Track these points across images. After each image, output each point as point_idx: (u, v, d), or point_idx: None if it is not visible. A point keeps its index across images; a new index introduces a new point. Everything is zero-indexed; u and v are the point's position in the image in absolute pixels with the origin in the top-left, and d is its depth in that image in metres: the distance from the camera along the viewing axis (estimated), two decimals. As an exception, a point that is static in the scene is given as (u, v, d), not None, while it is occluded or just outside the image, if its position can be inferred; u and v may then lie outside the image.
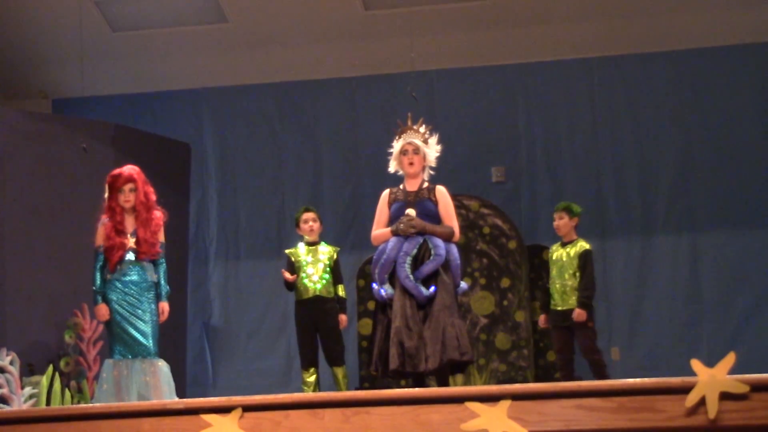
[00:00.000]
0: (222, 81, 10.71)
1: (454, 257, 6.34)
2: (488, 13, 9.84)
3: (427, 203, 6.37)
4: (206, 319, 10.46)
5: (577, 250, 7.81)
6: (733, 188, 9.84)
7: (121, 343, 6.58)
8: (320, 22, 10.01)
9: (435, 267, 6.21)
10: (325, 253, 7.87)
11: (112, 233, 6.64)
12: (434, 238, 6.26)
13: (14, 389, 7.55)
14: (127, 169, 6.76)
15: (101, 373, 6.66)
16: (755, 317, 9.65)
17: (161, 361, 6.62)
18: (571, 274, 7.75)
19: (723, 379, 3.82)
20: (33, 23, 10.04)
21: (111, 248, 6.62)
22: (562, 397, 3.97)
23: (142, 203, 6.72)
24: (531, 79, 10.36)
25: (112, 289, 6.61)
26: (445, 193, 6.45)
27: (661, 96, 10.11)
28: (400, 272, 6.18)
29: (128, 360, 6.54)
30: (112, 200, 6.71)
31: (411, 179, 6.47)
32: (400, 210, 6.36)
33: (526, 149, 10.31)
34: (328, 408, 4.10)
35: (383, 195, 6.56)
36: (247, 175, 10.71)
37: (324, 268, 7.80)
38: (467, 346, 6.13)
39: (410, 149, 6.46)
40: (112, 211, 6.69)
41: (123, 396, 6.44)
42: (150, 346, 6.59)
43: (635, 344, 9.70)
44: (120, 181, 6.71)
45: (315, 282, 7.76)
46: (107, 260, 6.63)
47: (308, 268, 7.79)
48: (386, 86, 10.40)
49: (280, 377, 10.15)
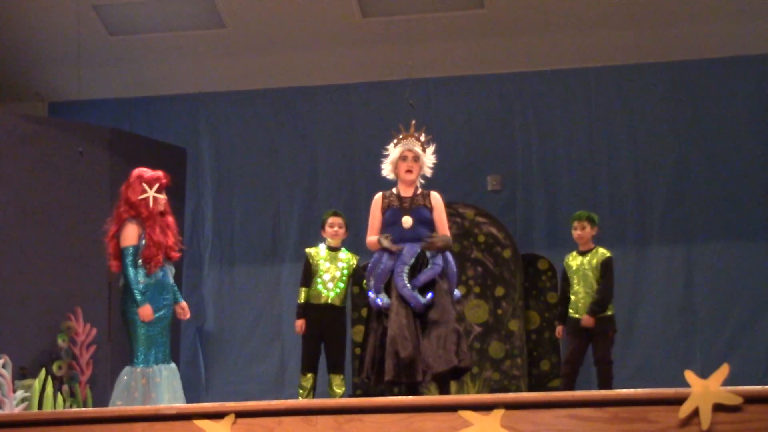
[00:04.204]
0: (219, 86, 10.71)
1: (451, 265, 6.37)
2: (486, 21, 9.85)
3: (423, 210, 6.37)
4: (200, 324, 10.44)
5: (599, 258, 7.86)
6: (729, 200, 9.85)
7: (155, 347, 6.43)
8: (318, 29, 10.01)
9: (432, 276, 6.22)
10: (344, 261, 7.81)
11: (158, 235, 6.47)
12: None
13: (6, 392, 7.53)
14: (162, 172, 6.65)
15: (126, 381, 6.39)
16: (749, 329, 9.65)
17: (174, 364, 6.60)
18: (595, 282, 7.80)
19: (716, 390, 3.82)
20: (30, 26, 10.03)
21: (157, 250, 6.45)
22: (555, 406, 3.97)
23: (168, 207, 6.70)
24: (528, 88, 10.36)
25: (147, 292, 6.45)
26: (439, 199, 6.47)
27: (658, 107, 10.12)
28: (398, 281, 6.17)
29: (158, 366, 6.41)
30: (155, 201, 6.53)
31: (406, 185, 6.47)
32: (395, 216, 6.35)
33: (522, 158, 10.31)
34: (321, 415, 4.10)
35: (376, 199, 6.53)
36: (242, 181, 10.70)
37: (341, 276, 7.75)
38: (465, 352, 6.13)
39: (410, 156, 6.46)
40: (154, 212, 6.51)
41: (156, 404, 6.22)
42: (170, 349, 6.57)
43: (629, 355, 9.69)
44: (163, 183, 6.60)
45: (330, 290, 7.72)
46: (147, 262, 6.43)
47: (325, 274, 7.74)
48: (383, 93, 10.41)
49: (274, 383, 10.13)
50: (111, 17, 10.00)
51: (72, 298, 8.52)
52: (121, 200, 6.59)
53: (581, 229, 7.99)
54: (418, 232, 6.34)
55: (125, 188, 6.61)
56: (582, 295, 7.81)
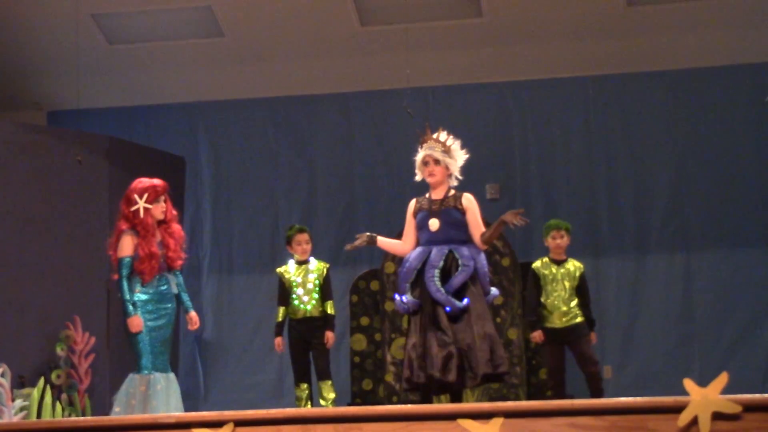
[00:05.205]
0: (217, 95, 10.72)
1: (482, 265, 6.24)
2: (484, 30, 9.87)
3: (453, 212, 6.24)
4: (198, 333, 10.42)
5: (575, 269, 7.87)
6: (727, 208, 9.86)
7: (153, 355, 6.43)
8: (316, 38, 10.03)
9: (465, 278, 6.10)
10: (314, 271, 7.88)
11: (149, 245, 6.45)
12: (461, 247, 6.17)
13: (5, 401, 7.52)
14: (159, 181, 6.64)
15: (125, 388, 6.40)
16: (748, 337, 9.65)
17: (173, 374, 6.59)
18: (571, 293, 7.80)
19: (715, 398, 3.82)
20: (29, 35, 10.04)
21: (149, 260, 6.43)
22: (554, 415, 3.97)
23: (172, 214, 6.68)
24: (526, 96, 10.38)
25: (141, 302, 6.43)
26: (472, 200, 6.32)
27: (656, 115, 10.14)
28: (430, 286, 6.05)
29: (158, 374, 6.40)
30: (146, 211, 6.51)
31: (435, 188, 6.36)
32: (424, 219, 6.27)
33: (521, 167, 10.32)
34: (320, 423, 4.09)
35: (410, 204, 6.45)
36: (241, 190, 10.71)
37: (314, 288, 7.83)
38: (502, 356, 6.04)
39: (430, 161, 6.36)
40: (145, 223, 6.50)
41: (155, 412, 6.23)
42: (169, 359, 6.56)
43: (628, 363, 9.69)
44: (159, 192, 6.58)
45: (305, 303, 7.81)
46: (141, 273, 6.42)
47: (298, 289, 7.82)
48: (381, 102, 10.42)
49: (273, 392, 10.12)
50: (110, 26, 10.02)
51: (71, 306, 8.51)
52: (119, 212, 6.63)
53: (560, 238, 7.98)
54: (449, 235, 6.21)
55: (122, 200, 6.64)
56: (556, 304, 7.80)
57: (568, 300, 7.79)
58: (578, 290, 7.85)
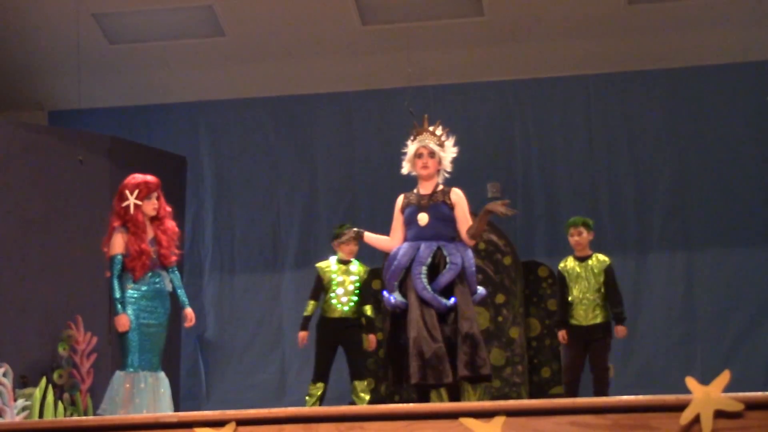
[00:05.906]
0: (219, 94, 10.72)
1: (470, 264, 6.11)
2: (485, 29, 9.86)
3: (441, 207, 6.14)
4: (200, 332, 10.44)
5: (600, 265, 7.85)
6: (729, 206, 9.85)
7: (140, 353, 6.41)
8: (317, 37, 10.02)
9: (452, 276, 5.99)
10: (355, 273, 7.90)
11: (139, 242, 6.44)
12: (449, 245, 6.06)
13: (7, 401, 7.52)
14: (151, 177, 6.61)
15: (111, 386, 6.44)
16: (750, 335, 9.65)
17: (162, 373, 6.58)
18: (596, 289, 7.78)
19: (717, 396, 3.82)
20: (30, 35, 10.04)
21: (138, 257, 6.42)
22: (556, 413, 3.96)
23: (165, 211, 6.65)
24: (527, 95, 10.38)
25: (132, 299, 6.44)
26: (461, 195, 6.24)
27: (657, 113, 10.14)
28: (417, 284, 5.95)
29: (144, 372, 6.40)
30: (137, 207, 6.50)
31: (425, 182, 6.26)
32: (413, 214, 6.15)
33: (522, 165, 10.32)
34: (322, 423, 4.08)
35: (398, 200, 6.32)
36: (242, 189, 10.71)
37: (354, 290, 7.84)
38: (484, 358, 5.91)
39: (425, 152, 6.26)
40: (136, 219, 6.49)
41: (138, 409, 6.25)
42: (160, 357, 6.54)
43: (630, 361, 9.69)
44: (151, 188, 6.56)
45: (343, 303, 7.82)
46: (131, 269, 6.42)
47: (338, 288, 7.81)
48: (383, 101, 10.42)
49: (275, 391, 10.13)
50: (111, 26, 10.02)
51: (72, 306, 8.51)
52: (111, 209, 6.63)
53: (578, 235, 7.97)
54: (437, 230, 6.10)
55: (115, 196, 6.64)
56: (583, 301, 7.79)
57: (592, 296, 7.77)
58: (606, 285, 7.81)
